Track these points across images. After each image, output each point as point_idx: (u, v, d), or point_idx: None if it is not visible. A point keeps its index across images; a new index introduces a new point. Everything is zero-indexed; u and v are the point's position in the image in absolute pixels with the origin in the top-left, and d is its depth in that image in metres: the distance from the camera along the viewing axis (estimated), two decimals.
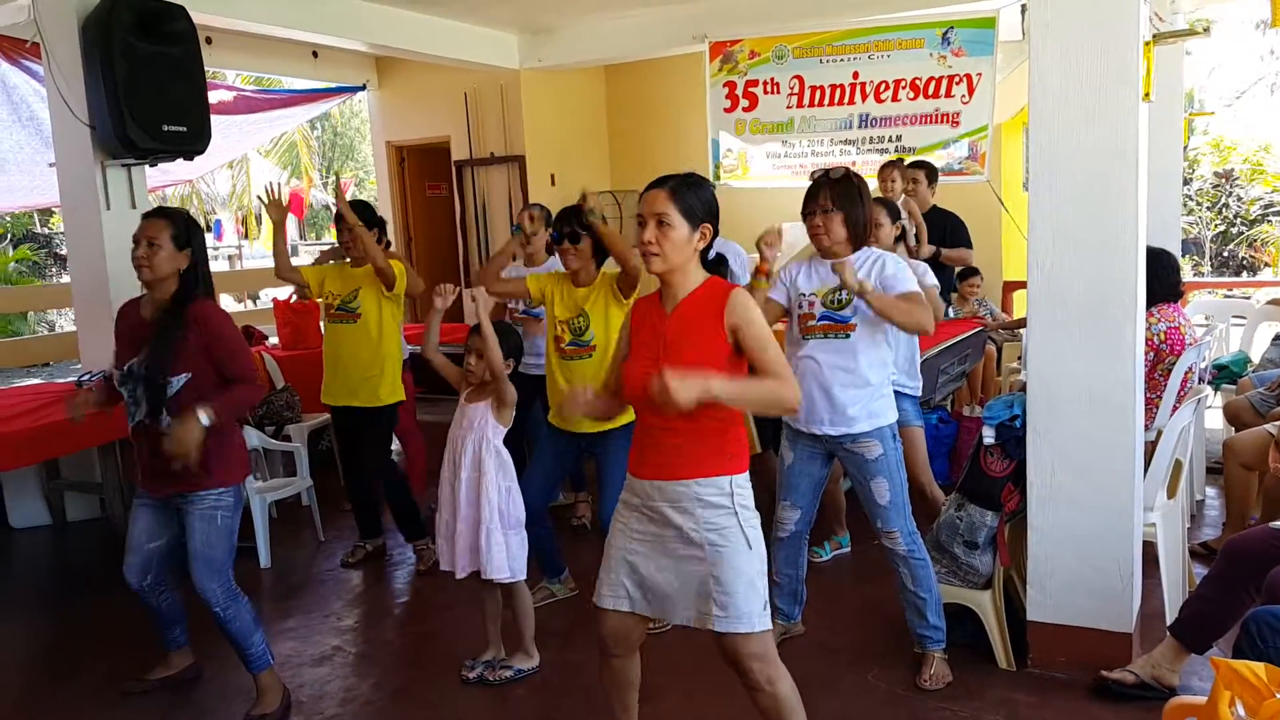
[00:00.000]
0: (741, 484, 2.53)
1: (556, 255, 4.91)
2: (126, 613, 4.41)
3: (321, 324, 5.29)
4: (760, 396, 2.52)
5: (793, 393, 2.48)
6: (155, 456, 3.26)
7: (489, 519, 3.43)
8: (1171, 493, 3.86)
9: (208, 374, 3.29)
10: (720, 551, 2.48)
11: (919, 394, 4.37)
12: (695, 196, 2.53)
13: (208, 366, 3.29)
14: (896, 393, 3.63)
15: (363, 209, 4.81)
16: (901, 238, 4.30)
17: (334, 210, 4.95)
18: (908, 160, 6.12)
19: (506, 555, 3.48)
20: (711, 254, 2.62)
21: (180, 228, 3.32)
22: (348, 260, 4.82)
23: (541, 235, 4.86)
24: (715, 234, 2.58)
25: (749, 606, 2.48)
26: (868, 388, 3.33)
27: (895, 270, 3.34)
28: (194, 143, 5.45)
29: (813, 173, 3.41)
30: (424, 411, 5.75)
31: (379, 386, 4.77)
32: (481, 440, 3.48)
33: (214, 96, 6.41)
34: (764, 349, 2.50)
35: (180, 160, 5.59)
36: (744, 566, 2.49)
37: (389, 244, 5.05)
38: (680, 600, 2.55)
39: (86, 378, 5.59)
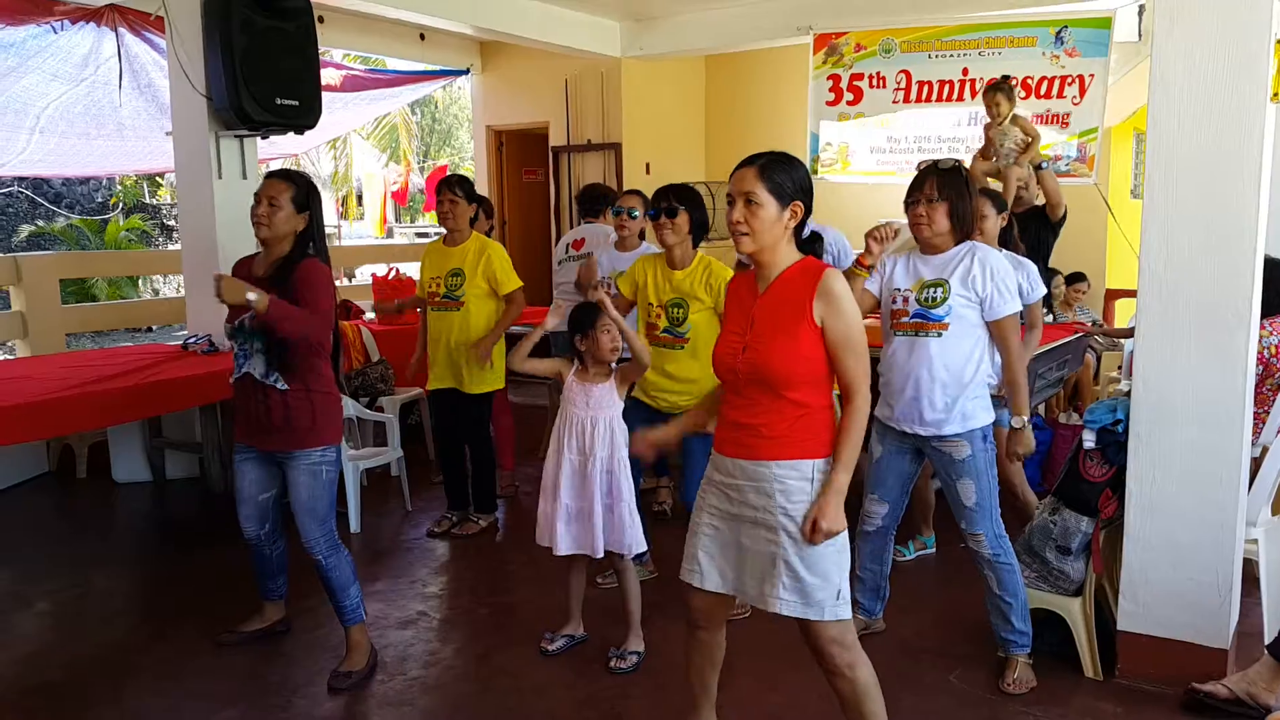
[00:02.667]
0: (824, 469, 2.47)
1: (645, 243, 5.00)
2: (220, 568, 4.59)
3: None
4: (859, 438, 2.46)
5: (868, 405, 2.48)
6: (257, 411, 3.40)
7: (626, 496, 3.49)
8: (1276, 510, 3.73)
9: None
10: (795, 538, 2.44)
11: None
12: (784, 174, 2.47)
13: None
14: (994, 395, 3.52)
15: (464, 184, 4.90)
16: (1009, 229, 4.19)
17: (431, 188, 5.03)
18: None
19: (638, 530, 3.54)
20: (806, 232, 2.57)
21: (301, 190, 3.41)
22: (441, 237, 4.93)
23: (639, 222, 4.89)
24: (808, 212, 2.52)
25: (820, 595, 2.44)
26: (959, 388, 3.25)
27: (995, 288, 3.21)
28: (305, 117, 5.60)
29: (920, 162, 3.36)
30: (511, 393, 5.82)
31: (482, 373, 4.85)
32: (613, 419, 3.52)
33: (323, 75, 6.58)
34: (845, 350, 2.43)
35: (290, 134, 5.76)
36: (817, 554, 2.44)
37: (492, 227, 5.12)
38: (749, 579, 2.53)
39: (193, 340, 5.81)
